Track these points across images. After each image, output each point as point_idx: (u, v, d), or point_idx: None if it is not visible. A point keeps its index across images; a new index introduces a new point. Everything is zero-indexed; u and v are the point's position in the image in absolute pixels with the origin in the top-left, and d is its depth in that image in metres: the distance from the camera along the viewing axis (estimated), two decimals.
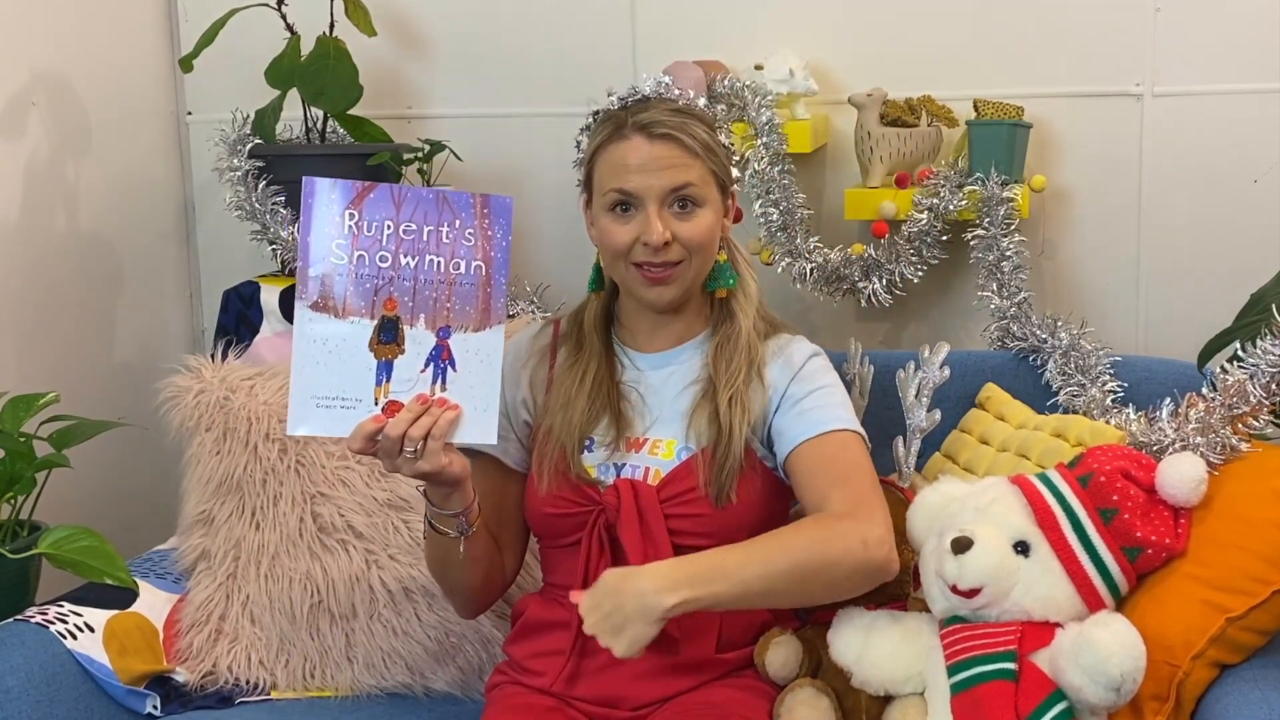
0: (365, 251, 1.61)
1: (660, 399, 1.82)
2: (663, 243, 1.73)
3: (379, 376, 1.61)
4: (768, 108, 2.28)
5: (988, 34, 2.39)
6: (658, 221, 1.73)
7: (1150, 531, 1.71)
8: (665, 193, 1.74)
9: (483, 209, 1.65)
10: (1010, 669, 1.63)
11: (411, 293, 1.62)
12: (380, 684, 2.03)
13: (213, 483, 2.10)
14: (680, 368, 1.83)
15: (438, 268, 1.62)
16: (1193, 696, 1.70)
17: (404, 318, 1.62)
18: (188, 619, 2.06)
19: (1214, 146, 2.33)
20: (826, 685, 1.78)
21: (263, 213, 2.38)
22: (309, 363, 1.61)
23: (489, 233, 1.64)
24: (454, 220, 1.63)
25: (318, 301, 1.61)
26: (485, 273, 1.64)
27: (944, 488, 1.81)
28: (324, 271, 1.61)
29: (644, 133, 1.75)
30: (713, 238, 1.78)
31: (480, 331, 1.64)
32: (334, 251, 1.61)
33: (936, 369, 2.02)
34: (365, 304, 1.61)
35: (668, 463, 1.78)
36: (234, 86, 2.50)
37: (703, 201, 1.76)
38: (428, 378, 1.62)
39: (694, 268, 1.77)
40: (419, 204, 1.62)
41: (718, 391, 1.77)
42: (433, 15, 2.59)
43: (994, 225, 2.23)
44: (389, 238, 1.61)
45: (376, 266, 1.61)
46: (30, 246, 2.34)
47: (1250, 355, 1.83)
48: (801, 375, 1.79)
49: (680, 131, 1.75)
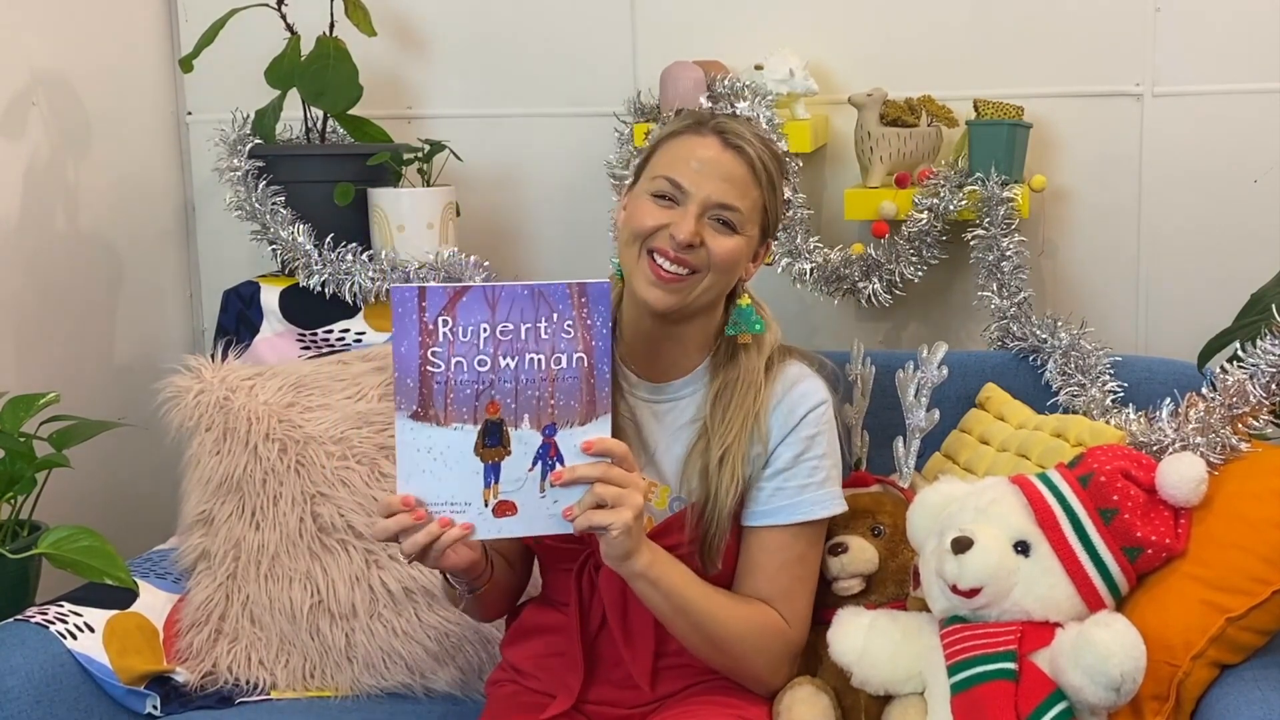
0: (463, 358, 1.55)
1: (656, 436, 1.77)
2: (688, 243, 1.67)
3: (487, 479, 1.56)
4: (768, 108, 2.28)
5: (988, 34, 2.39)
6: (693, 221, 1.67)
7: (1150, 531, 1.71)
8: (712, 203, 1.68)
9: (580, 298, 1.57)
10: (1010, 669, 1.63)
11: (514, 394, 1.56)
12: (380, 684, 2.03)
13: (213, 483, 2.10)
14: (678, 404, 1.77)
15: (539, 365, 1.56)
16: (1193, 696, 1.70)
17: (508, 420, 1.56)
18: (188, 619, 2.06)
19: (1214, 146, 2.34)
20: (825, 684, 1.78)
21: (263, 213, 2.38)
22: (415, 472, 1.55)
23: (588, 322, 1.57)
24: (551, 314, 1.56)
25: (417, 411, 1.55)
26: (588, 364, 1.57)
27: (944, 488, 1.81)
28: (421, 381, 1.55)
29: (721, 136, 1.70)
30: (736, 264, 1.72)
31: (586, 425, 1.57)
32: (430, 360, 1.55)
33: (935, 369, 2.03)
34: (468, 410, 1.55)
35: (659, 512, 1.75)
36: (234, 86, 2.50)
37: (741, 230, 1.70)
38: (536, 475, 1.57)
39: (706, 284, 1.70)
40: (514, 302, 1.56)
41: (710, 445, 1.72)
42: (433, 15, 2.59)
43: (994, 225, 2.23)
44: (486, 340, 1.55)
45: (476, 371, 1.55)
46: (30, 246, 2.34)
47: (1250, 355, 1.83)
48: (794, 437, 1.74)
49: (754, 150, 1.71)
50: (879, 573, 1.87)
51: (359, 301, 2.36)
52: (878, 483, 1.98)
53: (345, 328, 2.36)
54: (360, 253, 2.35)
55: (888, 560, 1.87)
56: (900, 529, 1.88)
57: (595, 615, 1.76)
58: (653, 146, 1.76)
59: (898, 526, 1.88)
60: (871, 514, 1.90)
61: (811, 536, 1.76)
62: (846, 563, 1.85)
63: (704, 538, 1.71)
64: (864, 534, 1.88)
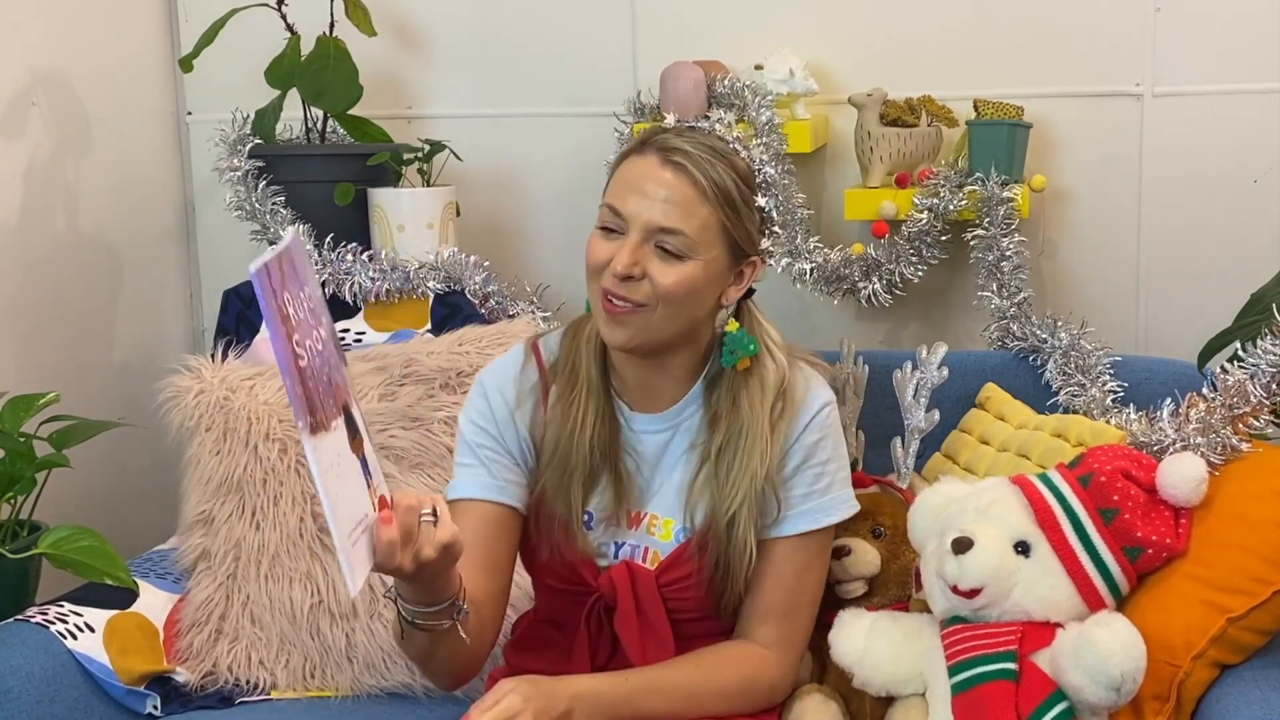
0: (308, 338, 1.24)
1: (657, 467, 1.71)
2: (626, 275, 1.58)
3: (366, 478, 1.30)
4: (768, 108, 2.28)
5: (988, 34, 2.39)
6: (629, 252, 1.58)
7: (1151, 531, 1.71)
8: (654, 229, 1.58)
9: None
10: (1011, 669, 1.63)
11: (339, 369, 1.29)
12: (380, 684, 2.03)
13: (213, 483, 2.09)
14: (678, 431, 1.71)
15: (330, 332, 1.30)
16: (1193, 696, 1.70)
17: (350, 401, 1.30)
18: (188, 619, 2.06)
19: (1214, 146, 2.34)
20: (834, 690, 1.78)
21: (263, 213, 2.38)
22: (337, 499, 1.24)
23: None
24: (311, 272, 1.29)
25: (312, 422, 1.22)
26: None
27: (944, 488, 1.81)
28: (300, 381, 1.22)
29: (661, 154, 1.60)
30: (689, 294, 1.60)
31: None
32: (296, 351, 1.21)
33: (934, 369, 2.03)
34: (332, 401, 1.26)
35: (666, 545, 1.69)
36: (234, 86, 2.50)
37: (693, 254, 1.59)
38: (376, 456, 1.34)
39: (659, 317, 1.60)
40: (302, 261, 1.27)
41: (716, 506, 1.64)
42: (433, 15, 2.59)
43: (994, 225, 2.23)
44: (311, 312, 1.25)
45: (317, 352, 1.24)
46: (30, 246, 2.34)
47: (1250, 355, 1.84)
48: (799, 445, 1.68)
49: (698, 167, 1.59)
50: (881, 575, 1.87)
51: (359, 301, 2.36)
52: (875, 483, 1.98)
53: (345, 328, 2.36)
54: (360, 253, 2.35)
55: (889, 562, 1.87)
56: (901, 530, 1.88)
57: (602, 656, 1.71)
58: (611, 170, 1.67)
59: (898, 528, 1.88)
60: (871, 516, 1.90)
61: (815, 547, 1.71)
62: (849, 565, 1.85)
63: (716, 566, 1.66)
64: (865, 536, 1.88)
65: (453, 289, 2.35)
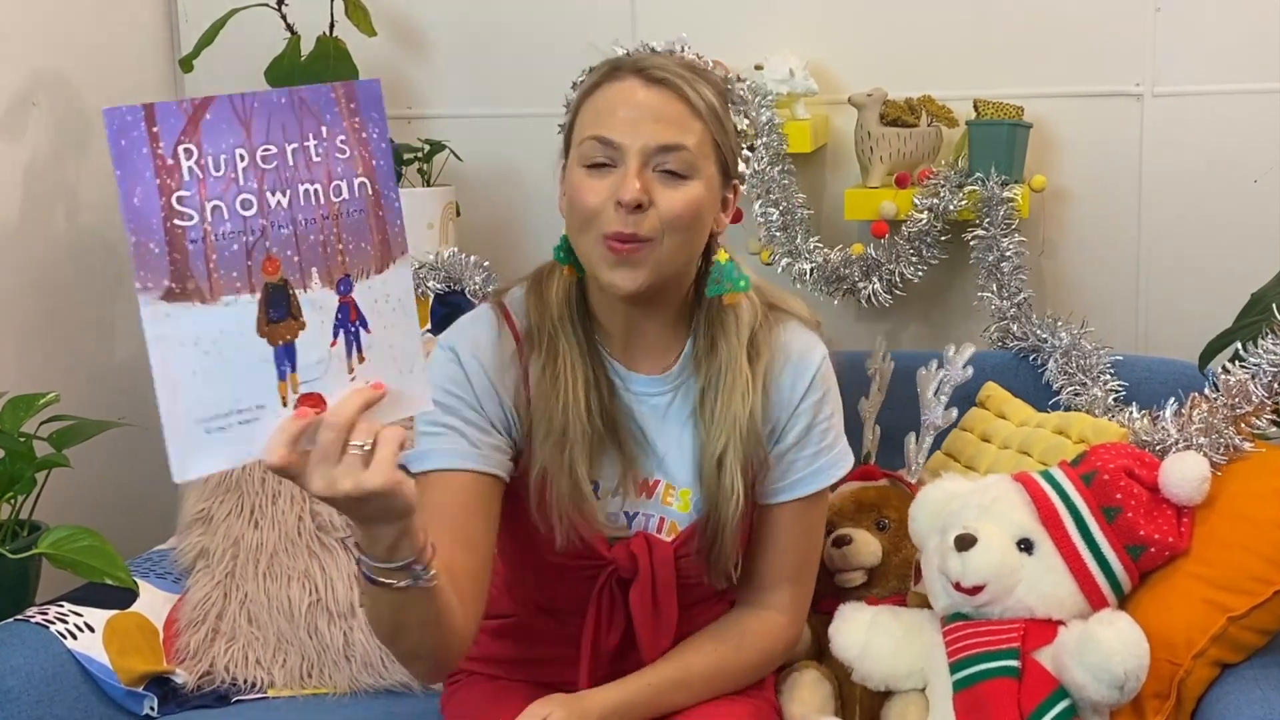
0: (220, 200, 1.13)
1: (662, 433, 1.62)
2: (636, 203, 1.46)
3: (280, 368, 1.16)
4: (768, 108, 2.28)
5: (988, 34, 2.39)
6: (635, 179, 1.46)
7: (1153, 530, 1.71)
8: (652, 150, 1.48)
9: (349, 104, 1.19)
10: (1013, 666, 1.63)
11: (293, 243, 1.16)
12: (378, 682, 2.03)
13: (211, 481, 2.10)
14: (679, 392, 1.62)
15: (316, 199, 1.17)
16: (1194, 695, 1.70)
17: (292, 280, 1.16)
18: (185, 617, 2.05)
19: (1214, 146, 2.34)
20: (830, 671, 1.78)
21: None
22: (182, 376, 1.13)
23: (363, 135, 1.19)
24: (319, 128, 1.18)
25: (172, 288, 1.11)
26: (372, 190, 1.20)
27: (947, 485, 1.81)
28: (170, 243, 1.10)
29: (641, 75, 1.50)
30: (697, 217, 1.51)
31: (384, 272, 1.21)
32: (176, 210, 1.10)
33: (960, 369, 2.04)
34: (239, 274, 1.13)
35: (684, 516, 1.62)
36: (234, 86, 2.47)
37: (695, 174, 1.50)
38: (341, 351, 1.19)
39: (667, 250, 1.50)
40: (274, 114, 1.16)
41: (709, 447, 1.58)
42: (433, 15, 2.59)
43: (994, 225, 2.23)
44: (246, 172, 1.14)
45: (241, 217, 1.13)
46: (30, 246, 2.34)
47: (1252, 355, 1.84)
48: (803, 408, 1.62)
49: (684, 81, 1.50)
50: (882, 566, 1.87)
51: None
52: (885, 477, 1.98)
53: None
54: None
55: (891, 554, 1.88)
56: (905, 524, 1.88)
57: (614, 635, 1.64)
58: (575, 108, 1.55)
59: (903, 521, 1.88)
60: (878, 508, 1.91)
61: (820, 504, 1.68)
62: (850, 555, 1.85)
63: (710, 552, 1.61)
64: (869, 527, 1.89)
65: (453, 289, 2.34)
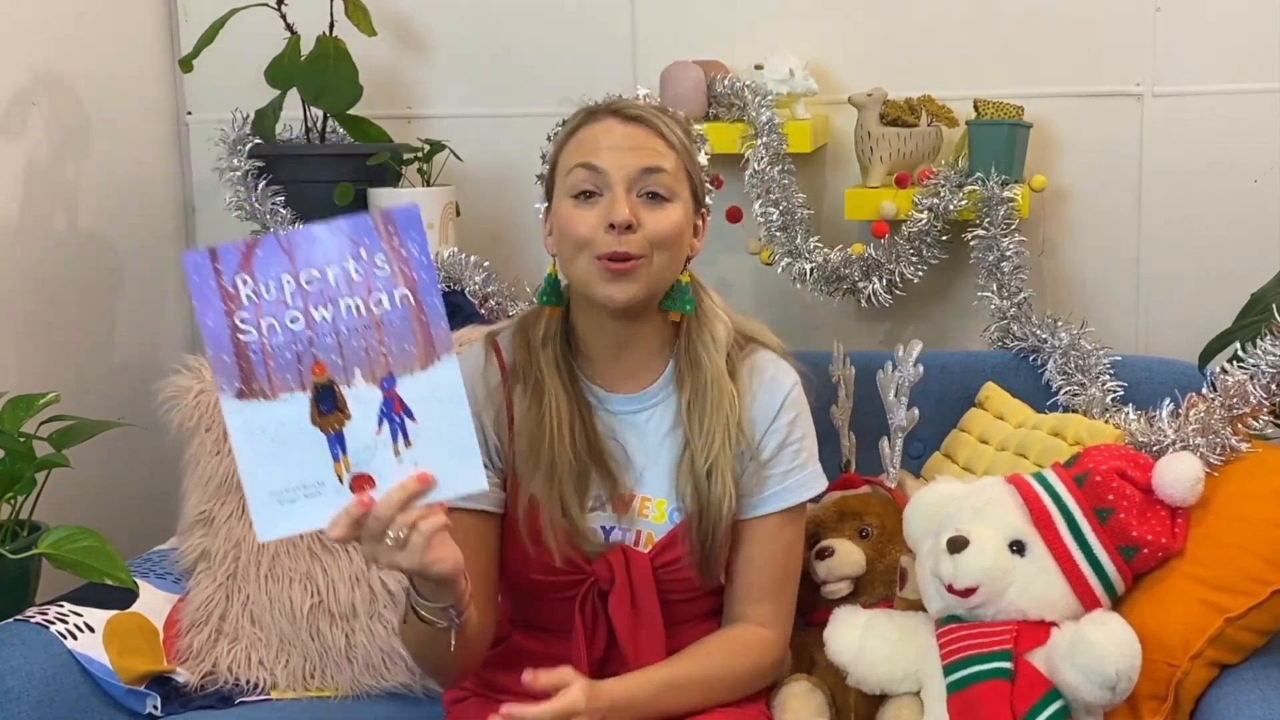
0: (273, 318, 1.38)
1: (641, 449, 1.72)
2: (627, 223, 1.59)
3: (334, 451, 1.40)
4: (768, 108, 2.28)
5: (988, 34, 2.39)
6: (624, 203, 1.60)
7: (1146, 531, 1.71)
8: (636, 174, 1.62)
9: (387, 228, 1.39)
10: (1006, 668, 1.63)
11: (337, 349, 1.39)
12: (380, 684, 2.03)
13: (213, 483, 2.10)
14: (655, 411, 1.72)
15: (357, 311, 1.39)
16: (1191, 696, 1.70)
17: (338, 379, 1.39)
18: (188, 619, 2.06)
19: (1214, 146, 2.33)
20: (821, 682, 1.78)
21: (263, 213, 2.38)
22: (256, 458, 1.39)
23: (402, 253, 1.39)
24: (359, 251, 1.39)
25: (241, 389, 1.38)
26: (414, 300, 1.39)
27: (941, 487, 1.82)
28: (236, 353, 1.38)
29: (617, 115, 1.66)
30: (680, 237, 1.65)
31: (429, 368, 1.39)
32: (239, 328, 1.38)
33: (911, 367, 2.02)
34: (292, 376, 1.38)
35: (659, 526, 1.70)
36: (234, 86, 2.50)
37: (674, 197, 1.64)
38: (386, 438, 1.40)
39: (656, 267, 1.63)
40: (313, 245, 1.38)
41: (694, 459, 1.67)
42: (433, 15, 2.59)
43: (994, 225, 2.23)
44: (293, 294, 1.38)
45: (290, 331, 1.38)
46: (30, 246, 2.34)
47: (1250, 355, 1.83)
48: (776, 426, 1.72)
49: (656, 118, 1.66)
50: (867, 574, 1.87)
51: None
52: (866, 484, 1.98)
53: None
54: None
55: (875, 561, 1.88)
56: (887, 529, 1.88)
57: (600, 644, 1.70)
58: (555, 153, 1.70)
59: (885, 527, 1.89)
60: (859, 515, 1.90)
61: (796, 521, 1.75)
62: (833, 566, 1.85)
63: (703, 550, 1.68)
64: (851, 536, 1.89)
65: (453, 289, 2.35)
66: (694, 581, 1.70)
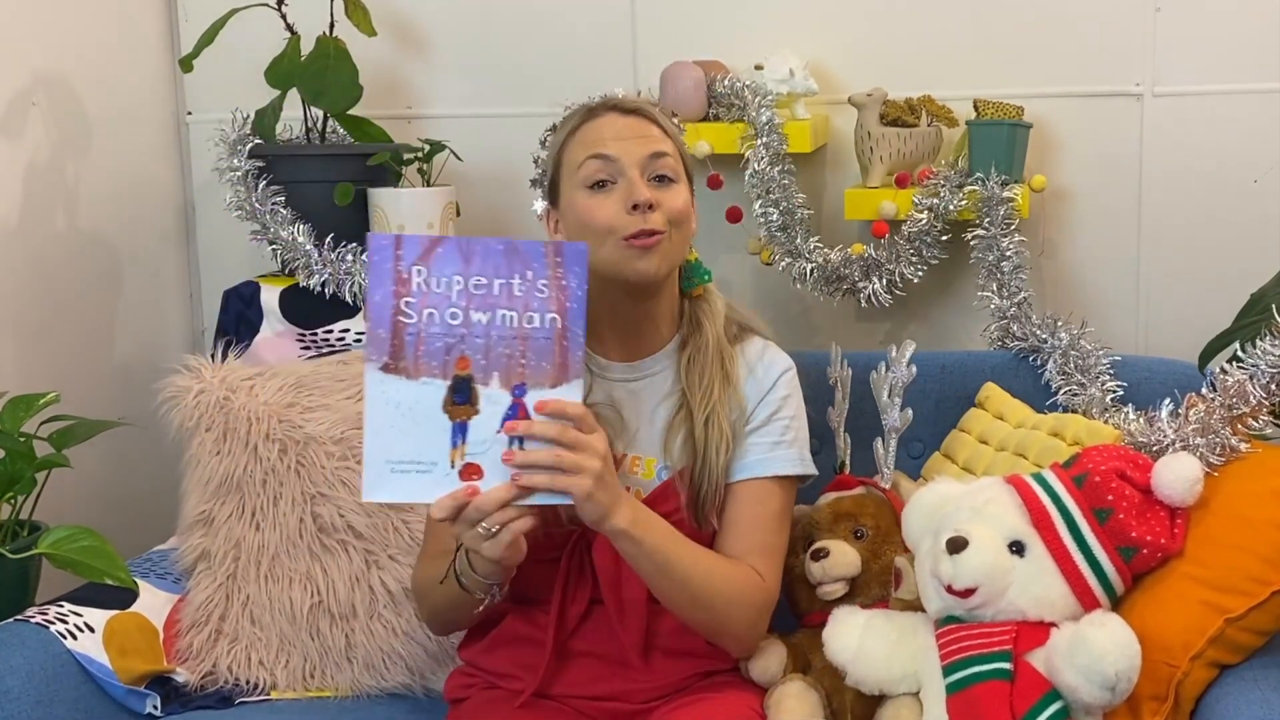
0: (435, 309, 1.53)
1: (636, 413, 1.79)
2: (649, 203, 1.68)
3: (454, 439, 1.53)
4: (768, 108, 2.28)
5: (988, 34, 2.39)
6: (642, 184, 1.70)
7: (1146, 531, 1.71)
8: (645, 158, 1.71)
9: (555, 258, 1.55)
10: (1005, 669, 1.63)
11: (484, 350, 1.54)
12: (380, 684, 2.03)
13: (213, 483, 2.10)
14: (654, 379, 1.80)
15: (510, 322, 1.54)
16: (1191, 697, 1.70)
17: (477, 377, 1.54)
18: (188, 619, 2.06)
19: (1214, 146, 2.34)
20: (816, 682, 1.78)
21: (263, 213, 2.38)
22: (384, 426, 1.53)
23: (563, 282, 1.54)
24: (526, 271, 1.54)
25: (389, 363, 1.53)
26: (561, 325, 1.55)
27: (939, 488, 1.81)
28: (393, 331, 1.53)
29: (616, 109, 1.75)
30: (690, 214, 1.75)
31: (558, 387, 1.55)
32: (403, 310, 1.53)
33: (904, 368, 2.02)
34: (437, 364, 1.53)
35: (648, 483, 1.77)
36: (234, 86, 2.50)
37: (679, 178, 1.75)
38: (503, 439, 1.54)
39: (675, 242, 1.73)
40: (489, 256, 1.54)
41: (693, 411, 1.75)
42: (433, 15, 2.59)
43: (994, 225, 2.23)
44: (459, 293, 1.53)
45: (447, 324, 1.53)
46: (30, 246, 2.34)
47: (1250, 356, 1.83)
48: (769, 399, 1.80)
49: (651, 110, 1.77)
50: (862, 575, 1.86)
51: (359, 301, 2.36)
52: (861, 484, 1.98)
53: (345, 328, 2.36)
54: (360, 253, 2.35)
55: (870, 562, 1.87)
56: (882, 530, 1.88)
57: (580, 600, 1.76)
58: (558, 152, 1.77)
59: (879, 528, 1.88)
60: (854, 517, 1.90)
61: (784, 496, 1.80)
62: (829, 567, 1.85)
63: (697, 497, 1.74)
64: (846, 537, 1.88)
65: None
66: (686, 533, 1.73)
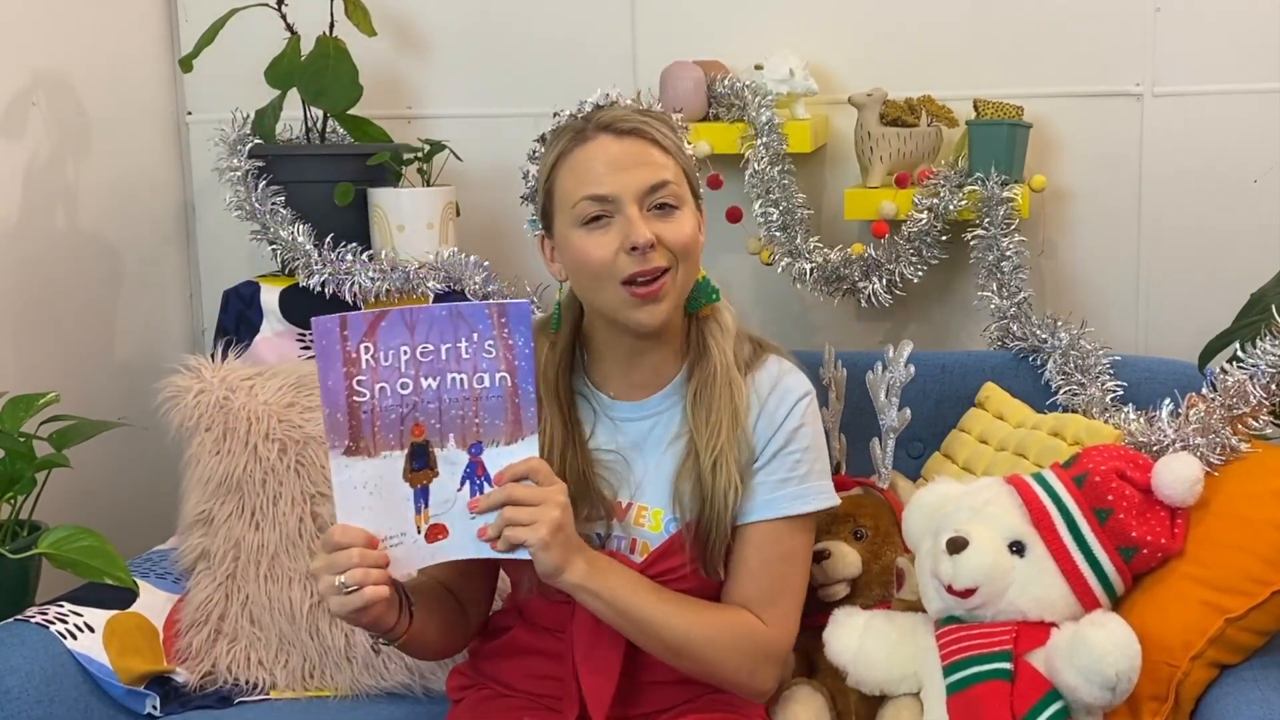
0: (386, 383, 1.53)
1: (643, 458, 1.69)
2: (650, 244, 1.58)
3: (417, 504, 1.55)
4: (768, 108, 2.28)
5: (988, 34, 2.39)
6: (640, 224, 1.58)
7: (1146, 531, 1.71)
8: (643, 191, 1.60)
9: (500, 318, 1.54)
10: (1006, 669, 1.63)
11: (438, 414, 1.54)
12: (379, 684, 2.03)
13: (212, 483, 2.10)
14: (661, 418, 1.69)
15: (461, 384, 1.54)
16: (1191, 697, 1.70)
17: (433, 440, 1.55)
18: (187, 619, 2.06)
19: (1214, 146, 2.34)
20: (821, 685, 1.78)
21: (263, 213, 2.38)
22: (355, 511, 1.54)
23: (509, 342, 1.54)
24: (471, 334, 1.54)
25: (350, 446, 1.53)
26: (511, 383, 1.54)
27: (940, 488, 1.81)
28: (349, 413, 1.53)
29: (609, 131, 1.62)
30: (697, 243, 1.65)
31: (512, 444, 1.55)
32: (355, 390, 1.53)
33: (902, 367, 2.02)
34: (394, 435, 1.54)
35: (655, 536, 1.67)
36: (234, 86, 2.50)
37: (682, 203, 1.63)
38: (465, 495, 1.55)
39: (681, 277, 1.62)
40: (433, 324, 1.54)
41: (700, 454, 1.64)
42: (433, 15, 2.59)
43: (994, 225, 2.23)
44: (407, 363, 1.54)
45: (399, 395, 1.54)
46: (30, 246, 2.34)
47: (1250, 355, 1.83)
48: (780, 432, 1.67)
49: (650, 127, 1.63)
50: (863, 576, 1.87)
51: (359, 301, 2.36)
52: (857, 485, 1.98)
53: None
54: (360, 253, 2.35)
55: (871, 563, 1.87)
56: (881, 530, 1.88)
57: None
58: (547, 178, 1.67)
59: (879, 528, 1.88)
60: (853, 517, 1.90)
61: (796, 535, 1.67)
62: (829, 568, 1.85)
63: (705, 546, 1.64)
64: (845, 538, 1.88)
65: (453, 289, 2.35)
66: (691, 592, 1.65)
